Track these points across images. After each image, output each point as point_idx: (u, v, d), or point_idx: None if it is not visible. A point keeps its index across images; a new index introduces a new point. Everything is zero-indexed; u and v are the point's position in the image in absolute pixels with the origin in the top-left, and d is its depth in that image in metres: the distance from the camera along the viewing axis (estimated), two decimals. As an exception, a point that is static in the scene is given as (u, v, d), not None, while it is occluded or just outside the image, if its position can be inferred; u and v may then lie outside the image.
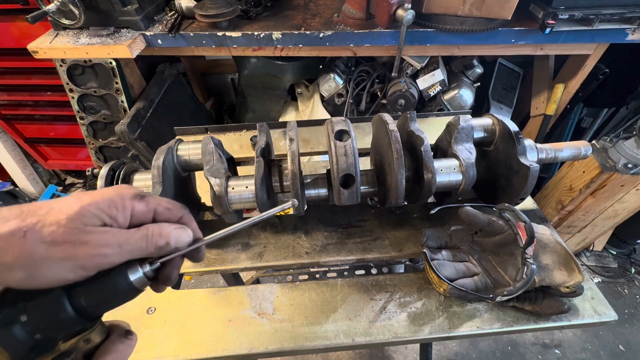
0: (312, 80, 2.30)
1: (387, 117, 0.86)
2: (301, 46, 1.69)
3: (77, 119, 2.01)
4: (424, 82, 2.06)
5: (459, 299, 0.80)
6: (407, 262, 1.67)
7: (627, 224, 2.11)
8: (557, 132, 2.24)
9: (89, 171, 0.87)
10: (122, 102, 1.89)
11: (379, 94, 2.21)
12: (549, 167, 2.42)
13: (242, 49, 1.74)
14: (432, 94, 2.08)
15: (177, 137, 0.89)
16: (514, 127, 0.86)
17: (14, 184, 2.86)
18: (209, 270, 0.90)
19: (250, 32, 1.64)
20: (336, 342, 0.77)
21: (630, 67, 1.94)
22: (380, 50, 1.75)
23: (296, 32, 1.63)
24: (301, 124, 1.34)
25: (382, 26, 1.51)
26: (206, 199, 1.00)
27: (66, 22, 1.59)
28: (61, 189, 2.99)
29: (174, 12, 1.75)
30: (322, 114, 2.22)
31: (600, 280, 2.41)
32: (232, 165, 0.93)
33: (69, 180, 3.07)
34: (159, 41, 1.67)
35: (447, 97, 2.06)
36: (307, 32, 1.63)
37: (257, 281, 1.84)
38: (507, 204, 0.80)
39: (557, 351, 2.09)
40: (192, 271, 0.89)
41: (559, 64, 2.06)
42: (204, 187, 0.94)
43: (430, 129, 1.02)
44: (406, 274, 0.88)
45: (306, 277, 1.82)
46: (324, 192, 0.88)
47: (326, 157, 1.43)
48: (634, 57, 1.90)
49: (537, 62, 2.21)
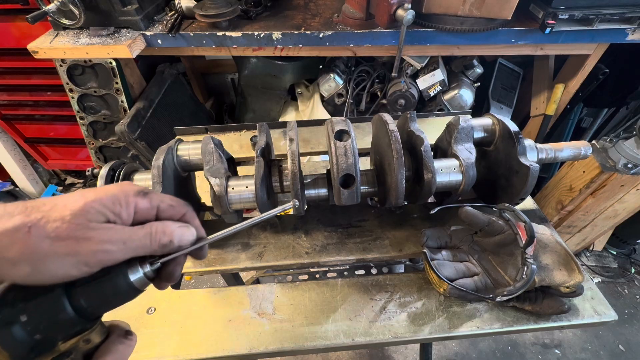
0: (312, 80, 2.30)
1: (387, 117, 0.86)
2: (301, 46, 1.69)
3: (77, 119, 2.01)
4: (424, 82, 2.06)
5: (459, 299, 0.80)
6: (407, 262, 1.67)
7: (627, 224, 2.11)
8: (557, 132, 2.24)
9: (89, 171, 0.87)
10: (122, 102, 1.89)
11: (379, 94, 2.21)
12: (549, 167, 2.42)
13: (242, 49, 1.74)
14: (432, 94, 2.08)
15: (177, 137, 0.89)
16: (514, 127, 0.86)
17: (14, 184, 2.86)
18: (209, 270, 0.90)
19: (250, 32, 1.64)
20: (336, 342, 0.77)
21: (630, 67, 1.94)
22: (380, 50, 1.75)
23: (296, 32, 1.63)
24: (301, 124, 1.34)
25: (382, 26, 1.51)
26: (206, 199, 1.00)
27: (66, 22, 1.59)
28: (61, 189, 2.99)
29: (174, 12, 1.75)
30: (322, 114, 2.22)
31: (600, 280, 2.41)
32: (232, 165, 0.93)
33: (69, 180, 3.07)
34: (159, 41, 1.67)
35: (447, 97, 2.06)
36: (307, 32, 1.63)
37: (257, 281, 1.84)
38: (507, 204, 0.80)
39: (557, 351, 2.09)
40: (192, 271, 0.89)
41: (559, 64, 2.06)
42: (204, 187, 0.94)
43: (430, 129, 1.02)
44: (406, 274, 0.88)
45: (306, 277, 1.82)
46: (324, 192, 0.88)
47: (326, 157, 1.43)
48: (634, 57, 1.90)
49: (537, 62, 2.21)
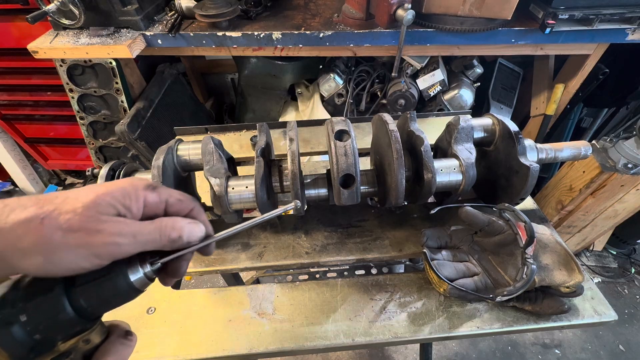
0: (312, 80, 2.30)
1: (387, 117, 0.86)
2: (301, 46, 1.69)
3: (77, 119, 2.01)
4: (424, 82, 2.06)
5: (459, 299, 0.80)
6: (407, 262, 1.67)
7: (627, 224, 2.11)
8: (557, 132, 2.24)
9: (89, 171, 0.87)
10: (122, 102, 1.89)
11: (379, 94, 2.21)
12: (549, 167, 2.42)
13: (242, 49, 1.74)
14: (432, 94, 2.08)
15: (177, 137, 0.89)
16: (514, 127, 0.86)
17: (14, 184, 2.87)
18: (209, 270, 0.90)
19: (250, 32, 1.64)
20: (336, 342, 0.77)
21: (630, 67, 1.94)
22: (380, 50, 1.75)
23: (296, 32, 1.63)
24: (301, 124, 1.34)
25: (382, 26, 1.51)
26: (206, 199, 1.00)
27: (66, 22, 1.59)
28: (61, 188, 2.99)
29: (174, 12, 1.75)
30: (322, 114, 2.22)
31: (600, 280, 2.41)
32: (232, 165, 0.93)
33: (69, 180, 3.07)
34: (159, 41, 1.67)
35: (447, 97, 2.06)
36: (307, 32, 1.63)
37: (257, 281, 1.84)
38: (507, 204, 0.80)
39: (557, 351, 2.09)
40: (192, 271, 0.89)
41: (559, 64, 2.06)
42: (204, 187, 0.94)
43: (430, 129, 1.02)
44: (406, 274, 0.88)
45: (306, 277, 1.82)
46: (324, 192, 0.88)
47: (326, 157, 1.43)
48: (634, 57, 1.90)
49: (537, 62, 2.21)
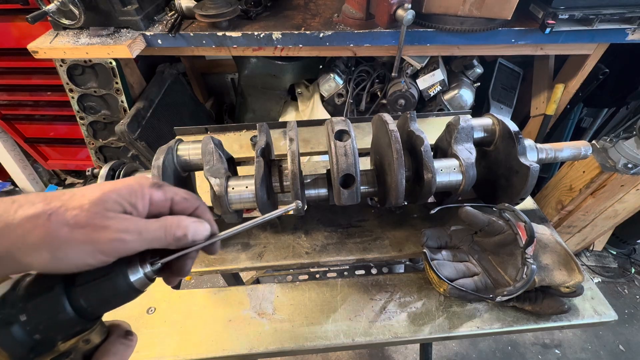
0: (312, 80, 2.30)
1: (387, 117, 0.86)
2: (301, 46, 1.69)
3: (77, 119, 2.01)
4: (424, 82, 2.06)
5: (459, 299, 0.80)
6: (407, 262, 1.67)
7: (627, 224, 2.11)
8: (557, 132, 2.24)
9: (89, 171, 0.87)
10: (122, 102, 1.89)
11: (379, 94, 2.21)
12: (549, 167, 2.42)
13: (242, 49, 1.74)
14: (432, 94, 2.08)
15: (177, 137, 0.89)
16: (514, 127, 0.86)
17: (14, 184, 2.87)
18: (209, 270, 0.90)
19: (250, 32, 1.64)
20: (336, 342, 0.77)
21: (630, 67, 1.94)
22: (380, 50, 1.75)
23: (296, 32, 1.63)
24: (301, 124, 1.34)
25: (382, 26, 1.51)
26: (206, 199, 0.99)
27: (66, 22, 1.59)
28: (61, 188, 2.99)
29: (174, 12, 1.75)
30: (322, 114, 2.22)
31: (600, 280, 2.41)
32: (232, 165, 0.93)
33: (69, 180, 3.07)
34: (159, 41, 1.67)
35: (447, 97, 2.06)
36: (307, 32, 1.63)
37: (257, 281, 1.84)
38: (507, 204, 0.80)
39: (557, 351, 2.09)
40: (192, 271, 0.89)
41: (559, 64, 2.06)
42: (204, 187, 0.94)
43: (430, 129, 1.02)
44: (406, 274, 0.88)
45: (306, 277, 1.82)
46: (324, 192, 0.88)
47: (326, 157, 1.43)
48: (634, 57, 1.89)
49: (537, 62, 2.21)
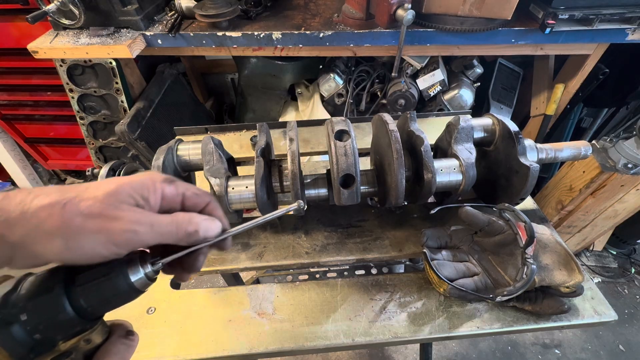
0: (312, 80, 2.30)
1: (387, 117, 0.86)
2: (301, 46, 1.69)
3: (77, 119, 2.01)
4: (424, 82, 2.06)
5: (459, 299, 0.80)
6: (407, 262, 1.67)
7: (627, 224, 2.11)
8: (557, 132, 2.24)
9: (89, 171, 0.87)
10: (122, 102, 1.89)
11: (379, 94, 2.21)
12: (549, 167, 2.42)
13: (242, 49, 1.74)
14: (432, 94, 2.08)
15: (177, 137, 0.89)
16: (514, 127, 0.86)
17: (14, 184, 2.86)
18: (209, 270, 0.90)
19: (250, 32, 1.64)
20: (336, 342, 0.77)
21: (630, 67, 1.94)
22: (380, 50, 1.75)
23: (296, 32, 1.63)
24: (301, 124, 1.34)
25: (382, 26, 1.51)
26: (206, 199, 1.00)
27: (66, 22, 1.60)
28: (61, 189, 2.98)
29: (174, 12, 1.75)
30: (322, 114, 2.22)
31: (600, 280, 2.41)
32: (232, 165, 0.93)
33: (69, 180, 3.07)
34: (159, 41, 1.67)
35: (447, 97, 2.06)
36: (307, 32, 1.63)
37: (257, 281, 1.84)
38: (507, 204, 0.80)
39: (557, 351, 2.09)
40: (192, 271, 0.89)
41: (559, 64, 2.06)
42: (204, 187, 0.94)
43: (430, 129, 1.02)
44: (406, 274, 0.88)
45: (306, 277, 1.82)
46: (324, 192, 0.88)
47: (326, 157, 1.43)
48: (634, 57, 1.89)
49: (537, 62, 2.21)
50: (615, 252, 2.50)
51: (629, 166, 1.67)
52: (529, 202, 1.05)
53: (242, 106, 2.48)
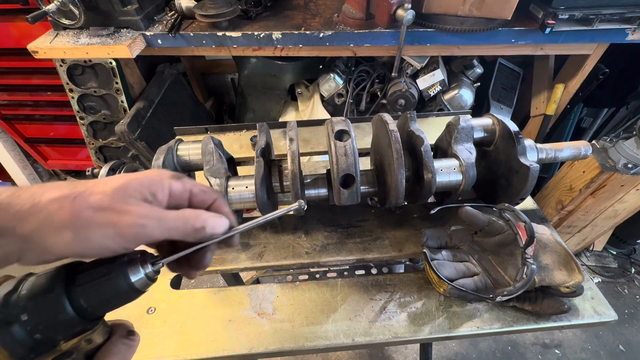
0: (312, 80, 2.30)
1: (387, 117, 0.86)
2: (301, 46, 1.69)
3: (77, 119, 2.01)
4: (424, 82, 2.06)
5: (459, 299, 0.80)
6: (407, 262, 1.67)
7: (627, 224, 2.11)
8: (557, 132, 2.24)
9: (89, 171, 0.87)
10: (122, 102, 1.89)
11: (379, 94, 2.21)
12: (549, 167, 2.42)
13: (242, 49, 1.74)
14: (432, 94, 2.08)
15: (177, 137, 0.89)
16: (514, 127, 0.86)
17: (14, 184, 2.86)
18: (209, 270, 0.90)
19: (250, 32, 1.64)
20: (336, 342, 0.77)
21: (630, 67, 1.94)
22: (380, 50, 1.75)
23: (296, 32, 1.63)
24: (301, 124, 1.34)
25: (382, 26, 1.51)
26: (206, 199, 1.00)
27: (66, 22, 1.60)
28: (61, 189, 2.98)
29: (174, 12, 1.75)
30: (322, 114, 2.22)
31: (600, 280, 2.41)
32: (232, 165, 0.93)
33: (69, 180, 3.07)
34: (159, 41, 1.67)
35: (447, 97, 2.06)
36: (307, 32, 1.63)
37: (257, 281, 1.84)
38: (507, 204, 0.80)
39: (557, 351, 2.09)
40: (192, 271, 0.89)
41: (559, 64, 2.06)
42: (204, 187, 0.94)
43: (430, 129, 1.02)
44: (406, 274, 0.88)
45: (306, 277, 1.82)
46: (324, 192, 0.88)
47: (326, 157, 1.43)
48: (634, 57, 1.89)
49: (537, 62, 2.21)
50: (615, 252, 2.50)
51: (629, 166, 1.67)
52: (529, 202, 1.05)
53: (242, 106, 2.48)
